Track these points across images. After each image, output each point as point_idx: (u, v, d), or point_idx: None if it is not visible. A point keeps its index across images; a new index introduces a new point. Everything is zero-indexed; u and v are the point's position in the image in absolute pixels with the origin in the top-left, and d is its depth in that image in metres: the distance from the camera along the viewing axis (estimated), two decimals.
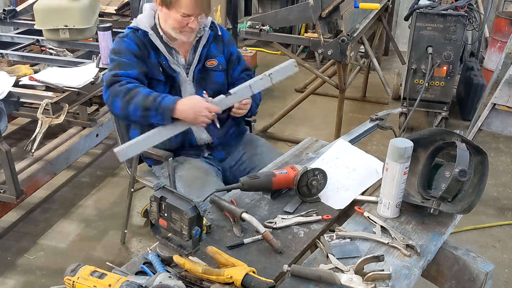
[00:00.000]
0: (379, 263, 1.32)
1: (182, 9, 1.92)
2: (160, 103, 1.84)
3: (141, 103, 1.86)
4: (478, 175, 1.56)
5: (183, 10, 1.92)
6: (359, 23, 3.52)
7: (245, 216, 1.46)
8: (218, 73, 2.15)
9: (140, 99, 1.87)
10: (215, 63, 2.14)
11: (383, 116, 2.16)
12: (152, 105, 1.85)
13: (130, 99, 1.88)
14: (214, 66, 2.14)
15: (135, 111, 1.88)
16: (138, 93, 1.88)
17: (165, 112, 1.84)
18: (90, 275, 1.19)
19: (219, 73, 2.16)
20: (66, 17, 3.15)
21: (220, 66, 2.16)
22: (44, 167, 2.70)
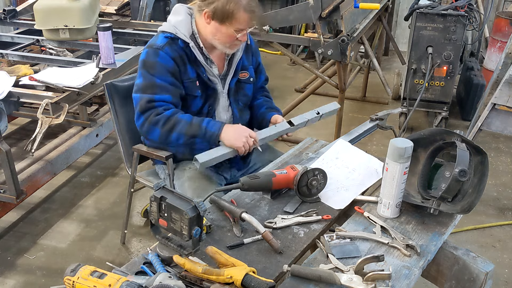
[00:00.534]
0: (379, 263, 1.32)
1: (237, 24, 1.85)
2: (206, 130, 1.86)
3: (185, 131, 1.86)
4: (478, 175, 1.56)
5: (238, 25, 1.85)
6: (359, 23, 3.52)
7: (245, 216, 1.46)
8: (249, 85, 2.13)
9: (183, 127, 1.86)
10: (247, 75, 2.11)
11: (383, 116, 2.16)
12: (198, 132, 1.86)
13: (172, 128, 1.86)
14: (246, 79, 2.11)
15: (177, 139, 1.88)
16: (179, 120, 1.87)
17: (211, 138, 1.87)
18: (90, 275, 1.18)
19: (249, 86, 2.14)
20: (66, 17, 3.15)
21: (251, 78, 2.13)
22: (44, 167, 2.70)
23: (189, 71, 1.95)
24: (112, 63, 2.86)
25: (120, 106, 2.31)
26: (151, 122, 1.88)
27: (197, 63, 1.96)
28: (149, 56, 1.92)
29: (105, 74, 2.74)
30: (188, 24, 1.95)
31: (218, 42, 1.91)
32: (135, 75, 2.40)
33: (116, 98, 2.29)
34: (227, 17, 1.83)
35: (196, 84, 1.97)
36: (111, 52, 2.86)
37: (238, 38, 1.89)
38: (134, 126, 2.33)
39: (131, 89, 2.32)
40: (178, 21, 1.94)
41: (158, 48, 1.90)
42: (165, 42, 1.91)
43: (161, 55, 1.89)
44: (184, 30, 1.92)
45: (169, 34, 1.92)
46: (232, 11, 1.82)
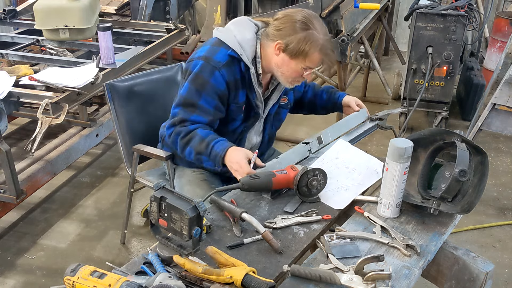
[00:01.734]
0: (379, 263, 1.32)
1: (308, 63, 1.77)
2: (212, 149, 1.76)
3: (195, 147, 1.80)
4: (478, 175, 1.56)
5: (309, 64, 1.77)
6: (359, 23, 3.52)
7: (245, 216, 1.46)
8: (285, 110, 2.09)
9: (195, 142, 1.79)
10: (286, 101, 2.05)
11: (383, 116, 2.16)
12: (205, 151, 1.78)
13: (188, 142, 1.81)
14: (285, 104, 2.06)
15: (189, 154, 1.83)
16: (195, 135, 1.80)
17: (216, 159, 1.76)
18: (90, 275, 1.18)
19: (285, 111, 2.10)
20: (66, 17, 3.15)
21: (289, 104, 2.08)
22: (44, 167, 2.70)
23: (240, 95, 1.86)
24: (112, 63, 2.87)
25: (120, 106, 2.31)
26: (176, 132, 1.84)
27: (251, 88, 1.87)
28: (202, 71, 1.79)
29: (105, 74, 2.74)
30: (254, 46, 1.82)
31: (281, 75, 1.82)
32: (135, 75, 2.41)
33: (116, 98, 2.29)
34: (300, 54, 1.74)
35: (242, 109, 1.90)
36: (111, 52, 2.86)
37: (303, 75, 1.81)
38: (134, 126, 2.35)
39: (131, 89, 2.35)
40: (245, 40, 1.81)
41: (215, 67, 1.78)
42: (225, 62, 1.78)
43: (216, 76, 1.78)
44: (249, 52, 1.81)
45: (232, 53, 1.79)
46: (307, 50, 1.73)
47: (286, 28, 1.75)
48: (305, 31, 1.73)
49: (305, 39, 1.72)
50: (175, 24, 3.69)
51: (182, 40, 3.69)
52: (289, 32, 1.74)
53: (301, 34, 1.73)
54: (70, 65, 2.99)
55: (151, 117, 2.36)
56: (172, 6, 4.54)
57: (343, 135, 2.05)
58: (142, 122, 2.37)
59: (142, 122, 2.37)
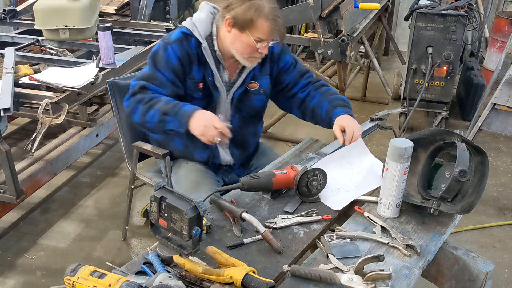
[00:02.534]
0: (379, 263, 1.32)
1: (257, 33, 1.77)
2: (179, 109, 1.80)
3: (160, 108, 1.82)
4: (478, 175, 1.56)
5: (258, 34, 1.77)
6: (359, 23, 3.52)
7: (245, 216, 1.46)
8: (258, 96, 2.04)
9: (160, 105, 1.82)
10: (256, 86, 2.01)
11: (383, 116, 2.16)
12: (172, 110, 1.80)
13: (152, 106, 1.83)
14: (255, 90, 2.02)
15: (152, 116, 1.84)
16: (160, 100, 1.84)
17: (183, 118, 1.79)
18: (90, 275, 1.18)
19: (259, 97, 2.05)
20: (66, 17, 3.15)
21: (261, 90, 2.03)
22: (44, 167, 2.70)
23: (195, 71, 1.91)
24: (112, 63, 2.86)
25: (122, 104, 2.31)
26: (136, 100, 1.87)
27: (206, 66, 1.91)
28: (159, 49, 1.89)
29: (105, 74, 2.74)
30: (208, 24, 1.89)
31: (236, 51, 1.84)
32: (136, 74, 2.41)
33: (118, 96, 2.30)
34: (247, 24, 1.76)
35: (199, 86, 1.93)
36: (111, 52, 2.86)
37: (258, 49, 1.81)
38: None
39: None
40: (198, 19, 1.90)
41: (168, 43, 1.88)
42: (177, 38, 1.87)
43: (169, 51, 1.87)
44: (201, 29, 1.88)
45: (184, 29, 1.89)
46: (252, 18, 1.75)
47: (231, 2, 1.80)
48: (249, 0, 1.77)
49: (249, 8, 1.75)
50: (175, 24, 3.69)
51: None
52: (235, 6, 1.79)
53: (245, 4, 1.77)
54: (70, 65, 2.98)
55: None
56: (172, 6, 4.53)
57: None
58: None
59: None
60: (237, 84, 1.97)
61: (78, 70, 2.83)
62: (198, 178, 2.01)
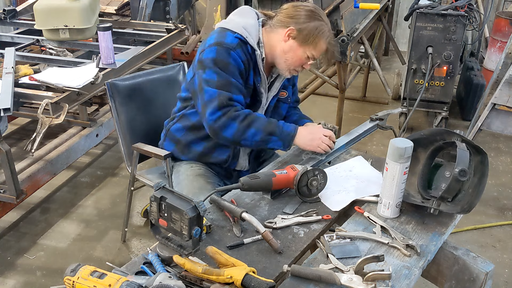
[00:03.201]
0: (379, 263, 1.32)
1: (314, 51, 1.86)
2: (282, 129, 1.86)
3: (264, 129, 1.84)
4: (478, 175, 1.56)
5: (315, 53, 1.86)
6: (359, 23, 3.52)
7: (245, 215, 1.46)
8: (285, 105, 2.12)
9: (262, 124, 1.84)
10: (285, 95, 2.09)
11: (383, 116, 2.16)
12: (276, 130, 1.85)
13: (250, 124, 1.83)
14: (284, 98, 2.09)
15: (254, 135, 1.84)
16: (258, 118, 1.86)
17: (287, 137, 1.86)
18: (90, 275, 1.18)
19: (285, 105, 2.12)
20: (66, 17, 3.15)
21: (288, 99, 2.11)
22: (44, 167, 2.70)
23: (251, 77, 1.92)
24: (112, 63, 2.87)
25: (121, 105, 2.31)
26: (230, 117, 1.83)
27: (257, 72, 1.92)
28: (220, 55, 1.82)
29: (105, 74, 2.74)
30: (257, 31, 1.90)
31: (284, 61, 1.89)
32: (136, 74, 2.41)
33: (117, 97, 2.30)
34: (311, 42, 1.83)
35: (250, 92, 1.95)
36: (111, 52, 2.86)
37: (304, 65, 1.90)
38: (135, 125, 2.35)
39: (132, 88, 2.35)
40: (249, 25, 1.89)
41: (229, 48, 1.82)
42: (236, 43, 1.83)
43: (233, 56, 1.82)
44: (254, 35, 1.88)
45: (239, 35, 1.85)
46: (317, 39, 1.83)
47: (300, 15, 1.84)
48: (318, 21, 1.84)
49: (318, 29, 1.83)
50: (175, 24, 3.69)
51: (182, 40, 3.69)
52: (303, 20, 1.83)
53: (314, 23, 1.83)
54: (70, 65, 2.99)
55: (152, 116, 2.37)
56: (172, 6, 4.54)
57: None
58: (142, 121, 2.37)
59: (142, 121, 2.37)
60: (273, 91, 2.02)
61: (78, 70, 2.83)
62: (200, 183, 1.99)
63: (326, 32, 1.85)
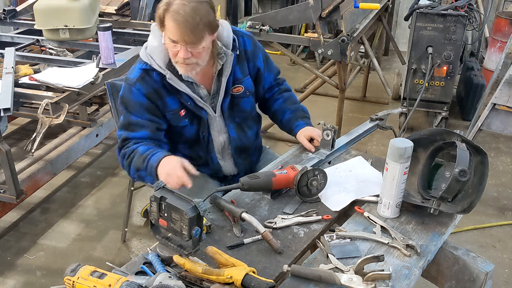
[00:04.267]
0: (379, 263, 1.32)
1: (169, 34, 1.61)
2: (148, 162, 1.70)
3: (135, 164, 1.75)
4: (478, 175, 1.56)
5: (170, 35, 1.61)
6: (359, 23, 3.52)
7: (245, 216, 1.46)
8: (246, 99, 1.93)
9: (135, 160, 1.75)
10: (241, 90, 1.89)
11: (383, 116, 2.16)
12: (142, 165, 1.72)
13: (130, 161, 1.77)
14: (241, 93, 1.90)
15: (133, 173, 1.79)
16: (136, 153, 1.75)
17: (152, 170, 1.69)
18: (90, 275, 1.19)
19: (246, 99, 1.93)
20: (66, 17, 3.15)
21: (247, 92, 1.92)
22: (44, 167, 2.70)
23: (169, 103, 1.79)
24: (112, 63, 2.86)
25: None
26: (121, 156, 1.82)
27: (179, 93, 1.78)
28: (124, 93, 1.80)
29: (105, 74, 2.74)
30: (164, 51, 1.71)
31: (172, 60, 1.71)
32: None
33: (117, 97, 2.29)
34: (162, 24, 1.63)
35: (181, 115, 1.82)
36: (111, 52, 2.86)
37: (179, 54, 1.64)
38: None
39: None
40: (153, 48, 1.73)
41: (131, 84, 1.76)
42: (138, 76, 1.75)
43: (134, 93, 1.75)
44: (158, 59, 1.72)
45: (144, 65, 1.75)
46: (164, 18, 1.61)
47: None
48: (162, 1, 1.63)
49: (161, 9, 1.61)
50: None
51: None
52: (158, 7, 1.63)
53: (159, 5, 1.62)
54: (70, 65, 2.99)
55: None
56: None
57: None
58: None
59: None
60: (220, 94, 1.85)
61: (78, 70, 2.83)
62: (199, 183, 1.97)
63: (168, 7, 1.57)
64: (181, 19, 1.57)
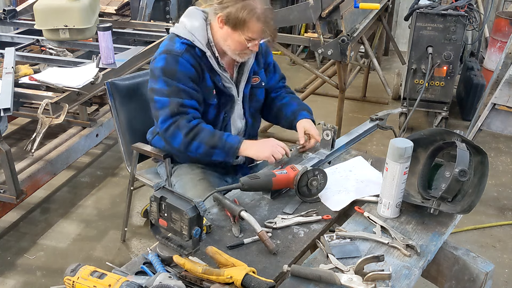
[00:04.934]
0: (379, 263, 1.32)
1: (249, 33, 1.81)
2: (225, 142, 1.85)
3: (207, 141, 1.84)
4: (478, 175, 1.56)
5: (250, 34, 1.81)
6: (359, 23, 3.52)
7: (244, 214, 1.46)
8: (260, 90, 2.10)
9: (205, 137, 1.84)
10: (258, 80, 2.06)
11: (383, 116, 2.16)
12: (219, 143, 1.84)
13: (194, 137, 1.84)
14: (258, 83, 2.07)
15: (197, 148, 1.86)
16: (202, 129, 1.85)
17: (230, 150, 1.85)
18: (90, 275, 1.18)
19: (261, 90, 2.10)
20: (66, 17, 3.15)
21: (262, 83, 2.09)
22: (44, 167, 2.70)
23: (207, 79, 1.91)
24: (112, 63, 2.87)
25: (121, 105, 2.31)
26: (178, 127, 1.84)
27: (213, 72, 1.92)
28: (168, 63, 1.85)
29: (105, 74, 2.74)
30: (204, 31, 1.90)
31: (228, 48, 1.88)
32: (136, 74, 2.42)
33: (117, 97, 2.30)
34: (240, 24, 1.79)
35: (213, 93, 1.94)
36: (111, 52, 2.86)
37: (249, 47, 1.85)
38: (135, 125, 2.35)
39: (132, 88, 2.35)
40: (194, 28, 1.89)
41: (177, 54, 1.85)
42: (184, 49, 1.86)
43: (181, 63, 1.84)
44: (201, 38, 1.88)
45: (186, 40, 1.87)
46: (244, 19, 1.78)
47: (226, 0, 1.81)
48: (243, 1, 1.78)
49: (242, 8, 1.78)
50: (175, 24, 3.69)
51: None
52: (228, 4, 1.80)
53: (239, 4, 1.78)
54: (70, 65, 2.99)
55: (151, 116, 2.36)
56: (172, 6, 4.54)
57: None
58: (142, 121, 2.36)
59: (142, 121, 2.36)
60: (243, 82, 2.01)
61: (78, 70, 2.83)
62: (203, 186, 1.98)
63: (255, 10, 1.77)
64: (266, 21, 1.81)
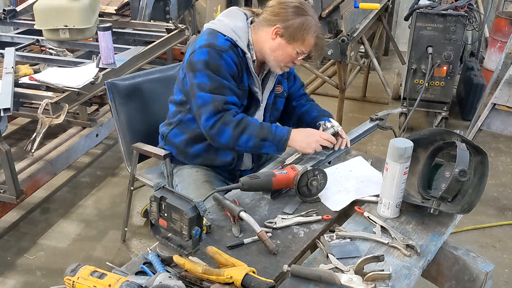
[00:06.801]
0: (379, 263, 1.32)
1: (303, 47, 1.85)
2: (275, 134, 1.84)
3: (256, 134, 1.83)
4: (478, 175, 1.56)
5: (303, 48, 1.85)
6: (359, 23, 3.52)
7: (243, 214, 1.46)
8: (282, 99, 2.11)
9: (254, 130, 1.83)
10: (281, 90, 2.08)
11: (383, 116, 2.16)
12: (269, 135, 1.84)
13: (243, 130, 1.83)
14: (280, 93, 2.08)
15: (247, 141, 1.84)
16: (250, 123, 1.85)
17: (280, 142, 1.85)
18: (90, 275, 1.18)
19: (282, 100, 2.11)
20: (66, 17, 3.15)
21: (284, 93, 2.10)
22: (44, 167, 2.70)
23: (244, 78, 1.91)
24: (112, 63, 2.87)
25: (121, 105, 2.31)
26: (225, 123, 1.83)
27: (249, 74, 1.92)
28: (212, 57, 1.82)
29: (105, 74, 2.74)
30: (246, 33, 1.89)
31: (274, 58, 1.88)
32: (136, 74, 2.41)
33: (117, 97, 2.30)
34: (299, 38, 1.82)
35: (246, 94, 1.94)
36: (111, 52, 2.86)
37: (295, 61, 1.89)
38: (135, 124, 2.35)
39: (132, 88, 2.35)
40: (238, 27, 1.88)
41: (222, 50, 1.82)
42: (228, 46, 1.83)
43: (225, 59, 1.82)
44: (244, 38, 1.88)
45: (229, 38, 1.85)
46: (305, 35, 1.82)
47: (284, 13, 1.83)
48: (303, 16, 1.82)
49: (304, 24, 1.82)
50: (175, 24, 3.69)
51: (182, 40, 3.69)
52: (288, 17, 1.82)
53: (300, 19, 1.82)
54: (70, 65, 2.99)
55: (152, 116, 2.37)
56: (172, 6, 4.53)
57: None
58: (142, 121, 2.37)
59: (142, 121, 2.37)
60: (268, 88, 2.01)
61: (78, 70, 2.83)
62: (206, 189, 1.97)
63: (313, 27, 1.83)
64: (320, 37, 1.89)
